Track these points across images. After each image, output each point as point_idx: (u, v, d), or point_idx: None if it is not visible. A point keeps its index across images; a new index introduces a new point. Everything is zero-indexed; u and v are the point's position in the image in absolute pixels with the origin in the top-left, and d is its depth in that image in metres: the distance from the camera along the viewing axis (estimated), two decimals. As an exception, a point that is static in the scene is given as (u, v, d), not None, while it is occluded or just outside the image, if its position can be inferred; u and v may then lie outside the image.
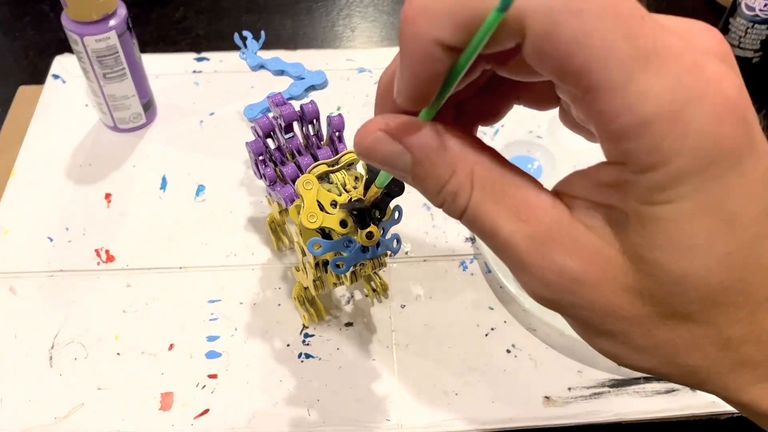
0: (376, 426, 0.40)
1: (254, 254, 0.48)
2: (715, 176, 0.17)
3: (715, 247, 0.17)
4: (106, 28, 0.48)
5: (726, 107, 0.16)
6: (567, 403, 0.41)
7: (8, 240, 0.48)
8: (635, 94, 0.16)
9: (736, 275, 0.18)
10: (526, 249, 0.19)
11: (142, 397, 0.41)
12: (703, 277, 0.18)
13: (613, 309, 0.18)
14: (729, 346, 0.19)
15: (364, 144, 0.19)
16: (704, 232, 0.17)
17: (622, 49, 0.16)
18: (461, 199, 0.19)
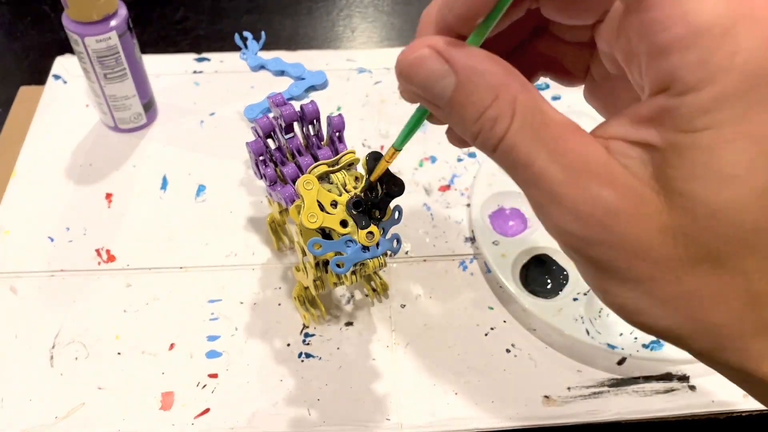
0: (376, 425, 0.40)
1: (254, 254, 0.48)
2: (759, 102, 0.16)
3: (753, 179, 0.17)
4: (106, 29, 0.48)
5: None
6: (566, 403, 0.41)
7: (9, 240, 0.49)
8: (691, 3, 0.16)
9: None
10: (561, 179, 0.18)
11: (142, 396, 0.41)
12: (739, 212, 0.17)
13: (644, 248, 0.18)
14: (756, 302, 0.18)
15: (408, 59, 0.19)
16: (744, 162, 0.17)
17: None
18: (500, 126, 0.19)
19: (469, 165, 0.54)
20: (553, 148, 0.18)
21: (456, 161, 0.54)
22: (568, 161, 0.18)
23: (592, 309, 0.43)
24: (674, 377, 0.42)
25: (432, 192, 0.52)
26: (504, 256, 0.45)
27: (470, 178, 0.53)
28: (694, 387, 0.42)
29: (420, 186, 0.52)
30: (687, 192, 0.17)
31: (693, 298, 0.18)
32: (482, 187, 0.49)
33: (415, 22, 0.67)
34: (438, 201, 0.51)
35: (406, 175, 0.53)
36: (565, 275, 0.46)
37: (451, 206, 0.51)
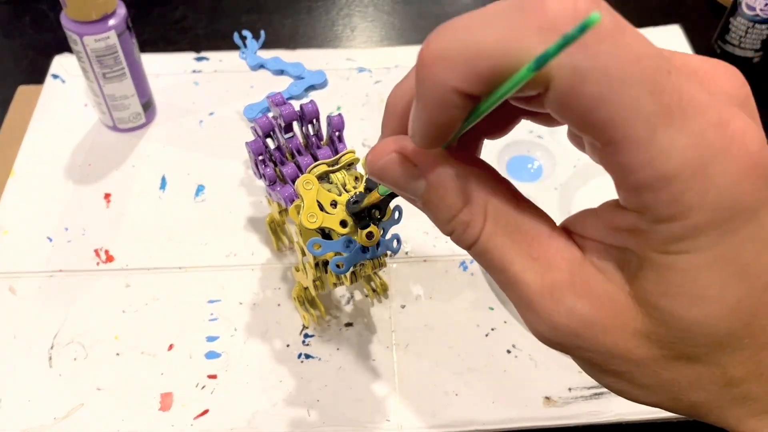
0: (376, 426, 0.40)
1: (254, 254, 0.48)
2: (732, 230, 0.17)
3: (726, 297, 0.17)
4: (105, 28, 0.48)
5: (748, 164, 0.16)
6: (567, 404, 0.41)
7: (8, 240, 0.48)
8: (658, 150, 0.16)
9: (744, 321, 0.18)
10: (537, 289, 0.18)
11: (141, 397, 0.41)
12: (712, 325, 0.18)
13: (621, 352, 0.19)
14: (731, 383, 0.19)
15: (377, 164, 0.19)
16: (717, 283, 0.17)
17: (646, 105, 0.15)
18: (473, 230, 0.19)
19: (469, 165, 0.53)
20: (527, 252, 0.19)
21: (456, 161, 0.54)
22: (542, 268, 0.18)
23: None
24: (675, 378, 0.42)
25: (432, 192, 0.52)
26: (504, 256, 0.45)
27: (470, 177, 0.52)
28: (695, 387, 0.42)
29: (420, 186, 0.52)
30: (661, 307, 0.18)
31: (672, 385, 0.19)
32: (482, 187, 0.49)
33: (415, 21, 0.67)
34: (438, 201, 0.51)
35: (406, 175, 0.53)
36: (565, 275, 0.45)
37: (451, 206, 0.51)
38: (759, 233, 0.17)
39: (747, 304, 0.18)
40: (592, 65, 0.15)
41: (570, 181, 0.50)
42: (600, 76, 0.15)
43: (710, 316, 0.18)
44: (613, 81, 0.15)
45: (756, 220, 0.17)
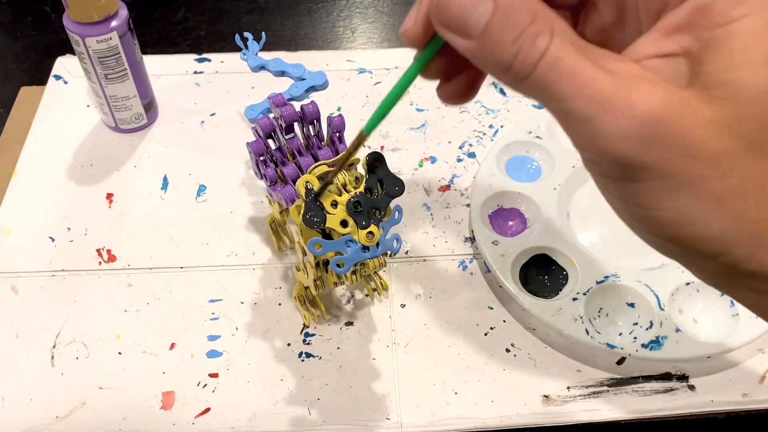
0: (376, 425, 0.40)
1: (255, 254, 0.48)
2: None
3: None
4: (107, 29, 0.48)
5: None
6: (566, 402, 0.41)
7: (10, 240, 0.49)
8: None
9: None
10: (611, 83, 0.18)
11: (143, 396, 0.41)
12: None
13: (695, 145, 0.18)
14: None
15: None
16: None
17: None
18: (542, 40, 0.19)
19: (468, 165, 0.54)
20: (595, 61, 0.19)
21: (456, 161, 0.54)
22: (612, 71, 0.19)
23: (591, 309, 0.43)
24: (674, 377, 0.42)
25: (432, 192, 0.52)
26: (503, 255, 0.45)
27: (470, 178, 0.53)
28: (694, 387, 0.42)
29: (420, 186, 0.52)
30: (728, 81, 0.18)
31: (739, 195, 0.19)
32: (482, 187, 0.49)
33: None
34: (438, 201, 0.51)
35: (406, 175, 0.53)
36: (564, 275, 0.46)
37: (451, 206, 0.51)
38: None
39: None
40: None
41: (569, 181, 0.50)
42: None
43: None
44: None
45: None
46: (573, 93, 0.19)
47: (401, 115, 0.57)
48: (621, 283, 0.44)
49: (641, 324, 0.43)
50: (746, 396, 0.42)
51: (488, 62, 0.20)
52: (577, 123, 0.19)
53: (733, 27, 0.18)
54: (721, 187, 0.19)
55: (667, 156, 0.19)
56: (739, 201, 0.19)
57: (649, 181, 0.19)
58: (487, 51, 0.19)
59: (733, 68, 0.18)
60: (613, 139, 0.19)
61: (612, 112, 0.18)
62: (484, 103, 0.58)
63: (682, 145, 0.19)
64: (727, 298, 0.43)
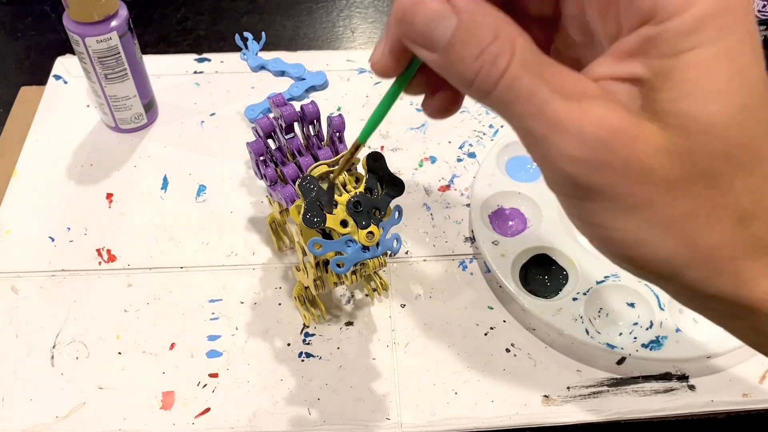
0: (376, 425, 0.40)
1: (255, 254, 0.48)
2: (730, 26, 0.18)
3: (734, 95, 0.18)
4: (107, 29, 0.48)
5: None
6: (566, 402, 0.41)
7: (10, 240, 0.49)
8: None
9: (751, 134, 0.19)
10: (565, 106, 0.19)
11: (143, 396, 0.41)
12: (725, 126, 0.18)
13: (645, 170, 0.19)
14: (744, 220, 0.20)
15: (409, 2, 0.20)
16: (725, 78, 0.18)
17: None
18: (502, 61, 0.19)
19: (468, 165, 0.54)
20: (552, 81, 0.19)
21: (456, 161, 0.54)
22: (568, 92, 0.19)
23: (591, 309, 0.43)
24: (673, 377, 0.42)
25: (432, 192, 0.52)
26: (503, 255, 0.45)
27: (470, 178, 0.53)
28: (694, 387, 0.42)
29: (420, 186, 0.52)
30: (678, 111, 0.19)
31: (689, 220, 0.20)
32: (482, 187, 0.49)
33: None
34: (438, 201, 0.51)
35: (406, 175, 0.53)
36: (564, 275, 0.46)
37: (451, 206, 0.51)
38: (750, 37, 0.19)
39: (751, 113, 0.19)
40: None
41: (569, 181, 0.50)
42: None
43: (723, 114, 0.18)
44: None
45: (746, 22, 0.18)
46: (529, 113, 0.19)
47: (401, 115, 0.57)
48: (621, 283, 0.44)
49: (641, 324, 0.43)
50: (746, 396, 0.42)
51: (452, 76, 0.20)
52: (533, 142, 0.20)
53: (682, 58, 0.18)
54: (672, 212, 0.19)
55: (616, 179, 0.19)
56: (691, 226, 0.20)
57: (599, 201, 0.20)
58: (451, 65, 0.20)
59: (684, 98, 0.18)
60: (564, 160, 0.19)
61: (563, 134, 0.19)
62: (484, 103, 0.58)
63: (631, 170, 0.19)
64: (727, 298, 0.43)
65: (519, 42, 0.19)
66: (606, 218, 0.20)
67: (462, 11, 0.19)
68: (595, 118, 0.19)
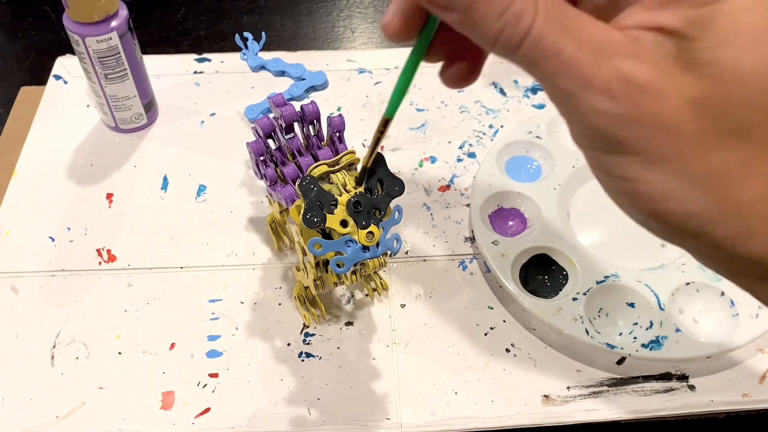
0: (376, 425, 0.40)
1: (255, 254, 0.48)
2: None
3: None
4: (107, 29, 0.48)
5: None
6: (566, 402, 0.41)
7: (10, 240, 0.49)
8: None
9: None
10: (592, 62, 0.18)
11: (143, 396, 0.41)
12: (763, 76, 0.18)
13: (675, 123, 0.18)
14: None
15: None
16: (763, 24, 0.18)
17: None
18: (526, 19, 0.19)
19: (469, 165, 0.54)
20: (578, 36, 0.19)
21: (456, 161, 0.54)
22: (594, 46, 0.19)
23: (591, 309, 0.43)
24: (673, 377, 0.42)
25: (432, 192, 0.52)
26: (503, 255, 0.45)
27: (470, 178, 0.53)
28: (694, 386, 0.42)
29: (420, 186, 0.52)
30: (714, 60, 0.18)
31: (721, 175, 0.19)
32: (482, 187, 0.49)
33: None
34: (438, 201, 0.51)
35: (406, 175, 0.53)
36: (564, 275, 0.46)
37: (451, 206, 0.51)
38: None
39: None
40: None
41: (569, 181, 0.50)
42: None
43: (763, 62, 0.18)
44: None
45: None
46: (556, 71, 0.19)
47: (401, 115, 0.57)
48: (621, 283, 0.44)
49: (641, 324, 0.43)
50: (746, 396, 0.42)
51: (474, 35, 0.20)
52: (561, 98, 0.20)
53: (717, 6, 0.18)
54: (703, 165, 0.19)
55: (645, 132, 0.19)
56: (722, 180, 0.19)
57: (628, 154, 0.19)
58: (473, 25, 0.19)
59: (720, 47, 0.18)
60: (593, 114, 0.19)
61: (591, 90, 0.19)
62: (484, 103, 0.58)
63: (661, 124, 0.19)
64: (727, 298, 0.43)
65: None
66: (634, 171, 0.20)
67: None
68: (622, 74, 0.18)
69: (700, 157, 0.19)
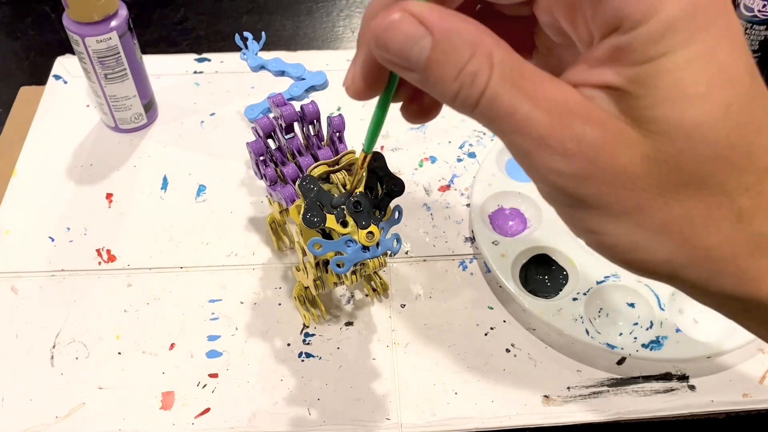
0: (376, 425, 0.40)
1: (255, 254, 0.48)
2: (703, 26, 0.18)
3: (716, 96, 0.18)
4: (107, 29, 0.48)
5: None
6: (566, 403, 0.41)
7: (9, 240, 0.49)
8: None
9: (740, 132, 0.18)
10: (545, 122, 0.19)
11: (143, 396, 0.41)
12: (711, 128, 0.18)
13: (631, 178, 0.19)
14: (742, 219, 0.19)
15: (382, 25, 0.19)
16: (704, 80, 0.18)
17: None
18: (480, 80, 0.19)
19: (469, 165, 0.54)
20: (533, 95, 0.19)
21: (456, 161, 0.54)
22: (549, 106, 0.19)
23: (591, 309, 0.43)
24: (674, 377, 0.42)
25: (432, 192, 0.52)
26: (504, 256, 0.45)
27: (470, 178, 0.53)
28: (694, 387, 0.42)
29: (420, 186, 0.52)
30: (658, 117, 0.18)
31: (684, 223, 0.19)
32: (482, 187, 0.49)
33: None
34: (438, 201, 0.51)
35: (406, 175, 0.53)
36: (564, 275, 0.46)
37: (451, 206, 0.51)
38: (728, 35, 0.18)
39: (738, 111, 0.18)
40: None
41: (569, 181, 0.50)
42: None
43: (706, 117, 0.18)
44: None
45: (722, 20, 0.18)
46: (512, 130, 0.19)
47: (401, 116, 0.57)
48: (621, 283, 0.44)
49: (641, 324, 0.43)
50: (746, 396, 0.42)
51: (434, 93, 0.20)
52: (520, 156, 0.20)
53: (655, 65, 0.18)
54: (664, 215, 0.19)
55: (602, 189, 0.19)
56: (686, 228, 0.19)
57: (589, 209, 0.20)
58: (432, 85, 0.20)
59: (661, 105, 0.18)
60: (550, 174, 0.19)
61: (546, 149, 0.19)
62: (484, 103, 0.58)
63: (616, 180, 0.19)
64: (727, 298, 0.43)
65: (497, 56, 0.19)
66: (598, 224, 0.20)
67: (436, 30, 0.19)
68: (575, 135, 0.19)
69: (660, 209, 0.19)
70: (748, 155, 0.19)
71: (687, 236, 0.19)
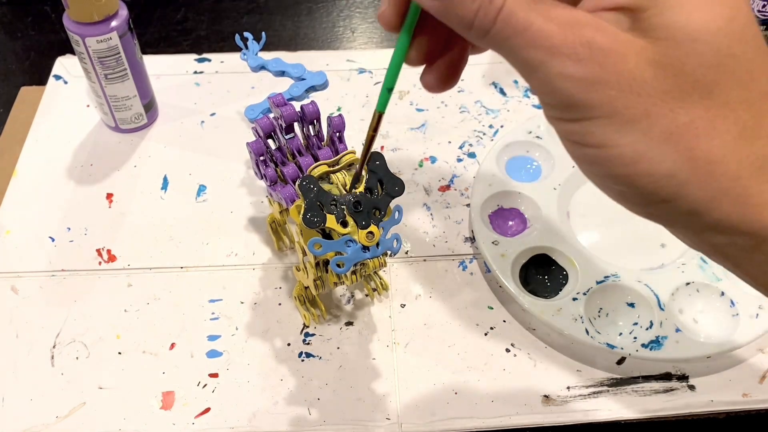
0: (376, 425, 0.40)
1: (255, 254, 0.48)
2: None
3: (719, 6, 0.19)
4: (107, 29, 0.48)
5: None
6: (566, 402, 0.41)
7: (10, 240, 0.49)
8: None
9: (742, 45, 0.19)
10: (558, 32, 0.20)
11: (143, 396, 0.41)
12: (714, 34, 0.19)
13: (639, 82, 0.20)
14: (745, 134, 0.20)
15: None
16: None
17: None
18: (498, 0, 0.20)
19: (468, 165, 0.54)
20: (546, 14, 0.20)
21: (456, 161, 0.54)
22: (561, 20, 0.20)
23: (591, 309, 0.43)
24: (673, 377, 0.42)
25: (432, 192, 0.52)
26: (503, 255, 0.45)
27: (470, 178, 0.53)
28: (694, 387, 0.42)
29: (420, 186, 0.52)
30: (665, 23, 0.19)
31: (688, 132, 0.20)
32: (482, 187, 0.49)
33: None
34: (438, 201, 0.52)
35: (406, 175, 0.53)
36: (564, 275, 0.46)
37: (451, 206, 0.51)
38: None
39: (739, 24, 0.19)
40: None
41: (569, 181, 0.50)
42: None
43: (710, 24, 0.19)
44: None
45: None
46: (526, 44, 0.20)
47: (401, 115, 0.57)
48: (621, 283, 0.44)
49: (641, 324, 0.43)
50: (746, 396, 0.42)
51: (453, 20, 0.21)
52: (531, 70, 0.21)
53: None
54: (670, 123, 0.20)
55: (611, 93, 0.20)
56: (690, 137, 0.20)
57: (596, 118, 0.21)
58: (450, 9, 0.21)
59: (669, 10, 0.19)
60: (561, 79, 0.20)
61: (558, 56, 0.20)
62: (484, 103, 0.58)
63: (625, 83, 0.20)
64: (727, 298, 0.43)
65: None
66: (604, 135, 0.21)
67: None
68: (586, 40, 0.20)
69: (666, 115, 0.20)
70: (749, 72, 0.20)
71: (691, 146, 0.20)
